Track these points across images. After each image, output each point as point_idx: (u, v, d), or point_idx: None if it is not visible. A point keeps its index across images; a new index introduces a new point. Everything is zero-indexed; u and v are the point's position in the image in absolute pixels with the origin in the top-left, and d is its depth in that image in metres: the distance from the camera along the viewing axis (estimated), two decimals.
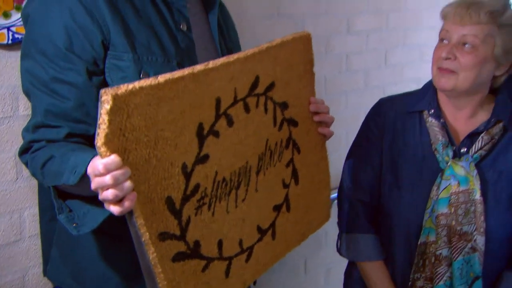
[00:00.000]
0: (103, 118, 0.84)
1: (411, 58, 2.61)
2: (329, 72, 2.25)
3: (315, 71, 2.00)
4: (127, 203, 0.86)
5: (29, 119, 1.15)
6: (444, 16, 1.40)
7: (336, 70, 2.28)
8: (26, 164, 1.15)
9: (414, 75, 2.60)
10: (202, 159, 1.03)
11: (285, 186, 1.31)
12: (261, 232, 1.24)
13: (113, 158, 0.84)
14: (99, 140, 0.84)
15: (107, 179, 0.84)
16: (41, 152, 1.10)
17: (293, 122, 1.30)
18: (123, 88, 0.86)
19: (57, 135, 1.09)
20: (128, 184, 0.85)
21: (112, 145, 0.85)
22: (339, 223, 1.59)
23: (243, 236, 1.18)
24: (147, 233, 0.90)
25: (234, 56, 1.08)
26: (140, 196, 0.90)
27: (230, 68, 1.06)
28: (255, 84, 1.15)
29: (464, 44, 1.34)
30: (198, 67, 1.00)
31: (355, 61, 2.37)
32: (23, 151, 1.14)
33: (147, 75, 1.12)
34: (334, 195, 2.20)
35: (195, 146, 1.02)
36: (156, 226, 0.94)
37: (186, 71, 0.97)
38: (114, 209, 0.87)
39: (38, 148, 1.11)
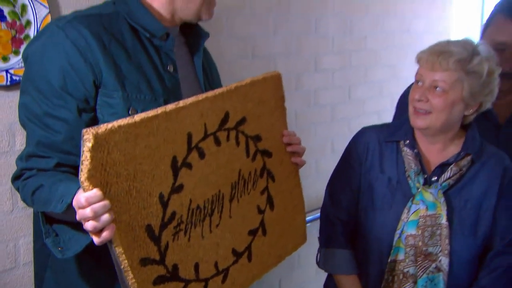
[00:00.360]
0: (86, 155, 0.85)
1: (372, 93, 2.64)
2: (299, 107, 2.27)
3: (287, 105, 2.04)
4: (105, 234, 0.88)
5: None
6: (418, 61, 1.43)
7: (305, 105, 2.30)
8: (18, 189, 1.15)
9: (374, 108, 2.64)
10: (177, 189, 1.04)
11: (260, 211, 1.31)
12: (237, 254, 1.23)
13: (95, 192, 0.86)
14: (82, 176, 0.86)
15: (88, 212, 0.86)
16: (31, 180, 1.10)
17: (267, 153, 1.31)
18: (103, 127, 0.88)
19: (47, 164, 1.10)
20: (106, 216, 0.87)
21: (94, 180, 0.86)
22: (319, 239, 1.59)
23: (218, 259, 1.18)
24: (126, 260, 0.91)
25: (203, 96, 1.09)
26: (122, 225, 0.91)
27: (199, 106, 1.08)
28: (225, 120, 1.16)
29: (436, 87, 1.37)
30: (170, 106, 1.01)
31: (322, 96, 2.39)
32: (16, 178, 1.15)
33: (136, 112, 1.14)
34: (310, 217, 2.21)
35: (170, 177, 1.03)
36: (137, 253, 0.94)
37: (159, 110, 0.99)
38: (94, 239, 0.89)
39: (29, 176, 1.11)
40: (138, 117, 0.94)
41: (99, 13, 1.18)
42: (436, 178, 1.42)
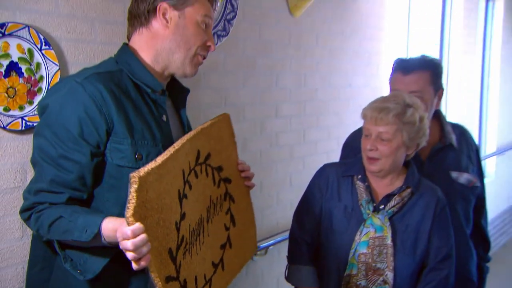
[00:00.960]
0: (132, 195, 0.88)
1: (322, 136, 2.68)
2: (263, 147, 2.30)
3: (253, 146, 2.15)
4: (142, 263, 0.92)
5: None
6: (364, 117, 1.50)
7: (268, 145, 2.33)
8: (25, 220, 1.14)
9: (324, 149, 2.68)
10: (183, 216, 1.08)
11: (226, 229, 1.35)
12: (215, 266, 1.27)
13: (138, 225, 0.89)
14: (128, 212, 0.88)
15: (129, 245, 0.89)
16: (47, 212, 1.09)
17: (227, 180, 1.36)
18: (142, 171, 0.92)
19: (60, 199, 1.10)
20: (144, 249, 0.91)
21: (137, 215, 0.89)
22: (287, 257, 1.61)
23: (206, 271, 1.21)
24: (160, 282, 0.94)
25: (184, 138, 1.13)
26: (154, 250, 0.94)
27: (185, 147, 1.12)
28: (198, 157, 1.20)
29: (381, 138, 1.44)
30: (171, 149, 1.05)
31: (282, 138, 2.42)
32: (26, 210, 1.13)
33: (141, 156, 1.15)
34: (272, 241, 2.26)
35: (179, 207, 1.07)
36: (163, 272, 0.98)
37: (168, 152, 1.03)
38: (133, 265, 0.92)
39: (42, 209, 1.10)
40: (159, 159, 0.98)
41: (109, 70, 1.20)
42: (383, 206, 1.47)
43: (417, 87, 1.58)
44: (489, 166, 5.03)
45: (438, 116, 1.73)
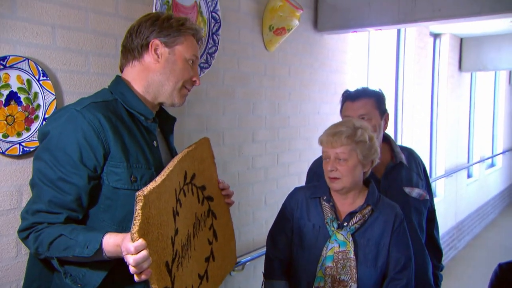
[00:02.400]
0: (138, 212, 0.90)
1: (294, 159, 2.72)
2: (240, 169, 2.32)
3: (231, 168, 2.17)
4: (143, 276, 0.93)
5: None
6: (321, 143, 1.55)
7: (245, 168, 2.35)
8: (23, 239, 1.12)
9: (295, 171, 2.72)
10: (176, 232, 1.09)
11: (210, 243, 1.36)
12: (200, 278, 1.28)
13: (140, 241, 0.91)
14: (134, 228, 0.89)
15: (131, 261, 0.91)
16: (47, 231, 1.08)
17: (210, 198, 1.37)
18: (146, 190, 0.93)
19: (58, 219, 1.10)
20: (145, 264, 0.92)
21: (141, 231, 0.90)
22: (263, 272, 1.63)
23: (193, 282, 1.22)
24: None
25: (175, 160, 1.16)
26: (153, 263, 0.95)
27: (176, 168, 1.14)
28: (185, 177, 1.22)
29: (339, 159, 1.48)
30: (166, 170, 1.07)
31: (258, 161, 2.44)
32: (24, 229, 1.12)
33: (136, 178, 1.16)
34: (249, 257, 2.24)
35: (173, 224, 1.08)
36: (162, 283, 0.98)
37: (164, 173, 1.05)
38: (135, 277, 0.93)
39: (41, 228, 1.09)
40: (158, 179, 1.00)
41: (105, 100, 1.21)
42: (346, 223, 1.49)
43: (365, 110, 1.71)
44: (439, 187, 5.23)
45: (387, 139, 1.84)
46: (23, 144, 1.37)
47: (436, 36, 5.15)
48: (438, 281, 1.91)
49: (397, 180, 1.75)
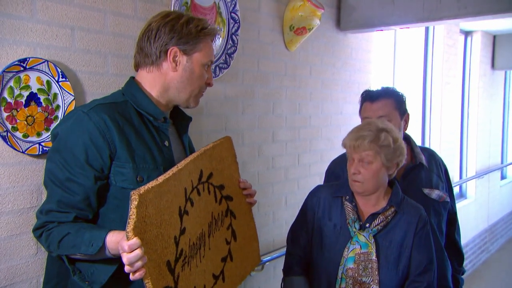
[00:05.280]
0: (133, 211, 0.89)
1: (315, 159, 2.69)
2: (260, 169, 2.31)
3: (251, 169, 2.14)
4: (137, 274, 0.93)
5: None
6: (344, 146, 1.51)
7: (265, 168, 2.34)
8: (38, 237, 1.15)
9: (317, 171, 2.68)
10: (183, 231, 1.08)
11: (227, 243, 1.34)
12: (215, 277, 1.26)
13: (135, 240, 0.91)
14: (129, 227, 0.89)
15: (125, 260, 0.91)
16: (56, 230, 1.11)
17: (229, 198, 1.35)
18: (142, 189, 0.93)
19: (67, 218, 1.12)
20: (138, 263, 0.91)
21: (136, 230, 0.90)
22: (283, 269, 1.61)
23: (206, 282, 1.21)
24: None
25: (188, 159, 1.15)
26: (152, 262, 0.94)
27: (188, 167, 1.13)
28: (200, 176, 1.21)
29: (363, 161, 1.45)
30: (175, 169, 1.06)
31: (278, 161, 2.42)
32: (38, 228, 1.15)
33: (142, 179, 1.16)
34: (268, 257, 2.21)
35: (179, 223, 1.07)
36: (161, 283, 0.98)
37: (170, 172, 1.04)
38: (130, 276, 0.93)
39: (52, 227, 1.12)
40: (160, 179, 0.99)
41: (114, 101, 1.23)
42: (368, 224, 1.47)
43: (384, 112, 1.66)
44: (470, 189, 5.04)
45: (407, 139, 1.78)
46: (43, 144, 1.39)
47: (467, 33, 4.96)
48: (459, 285, 1.84)
49: (416, 181, 1.71)
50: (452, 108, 4.51)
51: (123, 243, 0.93)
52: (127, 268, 0.93)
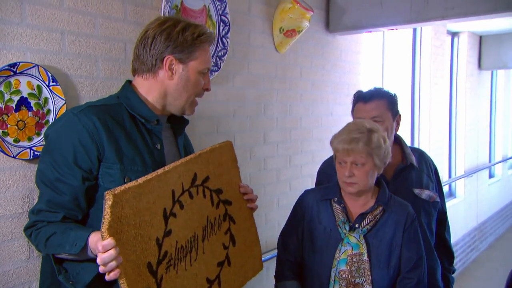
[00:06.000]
0: (107, 211, 0.89)
1: (307, 160, 2.70)
2: (252, 171, 2.31)
3: (243, 170, 2.12)
4: (111, 274, 0.93)
5: None
6: (335, 150, 1.49)
7: (257, 170, 2.34)
8: (28, 237, 1.17)
9: (308, 172, 2.68)
10: (167, 233, 1.08)
11: (225, 247, 1.33)
12: (210, 282, 1.25)
13: (109, 241, 0.91)
14: (103, 227, 0.88)
15: (98, 260, 0.91)
16: (44, 229, 1.12)
17: (227, 202, 1.34)
18: (118, 189, 0.93)
19: (56, 218, 1.13)
20: (112, 264, 0.91)
21: (112, 230, 0.90)
22: (274, 275, 1.61)
23: (197, 286, 1.19)
24: None
25: (179, 162, 1.14)
26: (130, 263, 0.94)
27: (177, 169, 1.13)
28: (194, 179, 1.20)
29: (356, 164, 1.45)
30: (160, 171, 1.06)
31: (270, 163, 2.42)
32: (28, 227, 1.16)
33: (130, 179, 1.16)
34: (263, 259, 2.19)
35: (163, 225, 1.06)
36: (141, 285, 0.97)
37: (153, 174, 1.04)
38: (106, 276, 0.94)
39: (41, 226, 1.13)
40: (141, 180, 0.99)
41: (106, 104, 1.24)
42: (358, 225, 1.47)
43: (378, 112, 1.67)
44: (459, 188, 5.10)
45: (398, 140, 1.80)
46: (34, 148, 1.38)
47: (454, 34, 5.03)
48: (450, 284, 1.86)
49: (407, 181, 1.72)
50: (440, 108, 4.56)
51: (98, 243, 0.94)
52: (101, 268, 0.94)
